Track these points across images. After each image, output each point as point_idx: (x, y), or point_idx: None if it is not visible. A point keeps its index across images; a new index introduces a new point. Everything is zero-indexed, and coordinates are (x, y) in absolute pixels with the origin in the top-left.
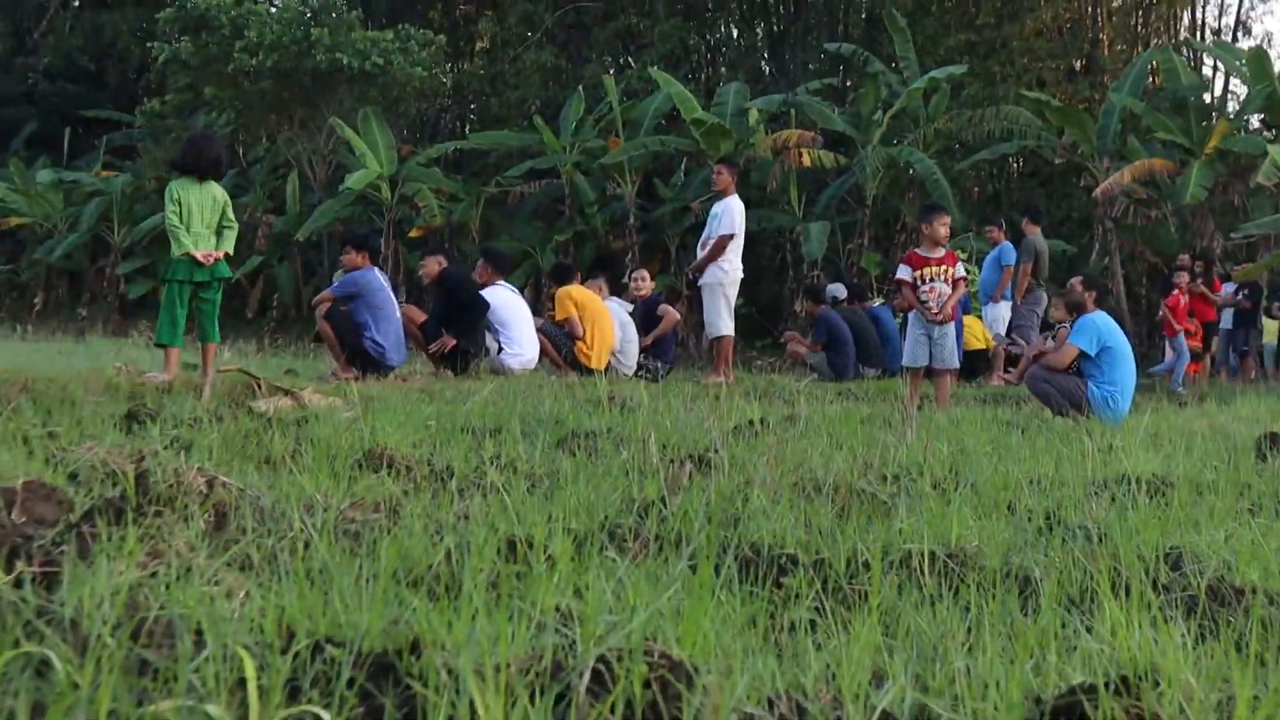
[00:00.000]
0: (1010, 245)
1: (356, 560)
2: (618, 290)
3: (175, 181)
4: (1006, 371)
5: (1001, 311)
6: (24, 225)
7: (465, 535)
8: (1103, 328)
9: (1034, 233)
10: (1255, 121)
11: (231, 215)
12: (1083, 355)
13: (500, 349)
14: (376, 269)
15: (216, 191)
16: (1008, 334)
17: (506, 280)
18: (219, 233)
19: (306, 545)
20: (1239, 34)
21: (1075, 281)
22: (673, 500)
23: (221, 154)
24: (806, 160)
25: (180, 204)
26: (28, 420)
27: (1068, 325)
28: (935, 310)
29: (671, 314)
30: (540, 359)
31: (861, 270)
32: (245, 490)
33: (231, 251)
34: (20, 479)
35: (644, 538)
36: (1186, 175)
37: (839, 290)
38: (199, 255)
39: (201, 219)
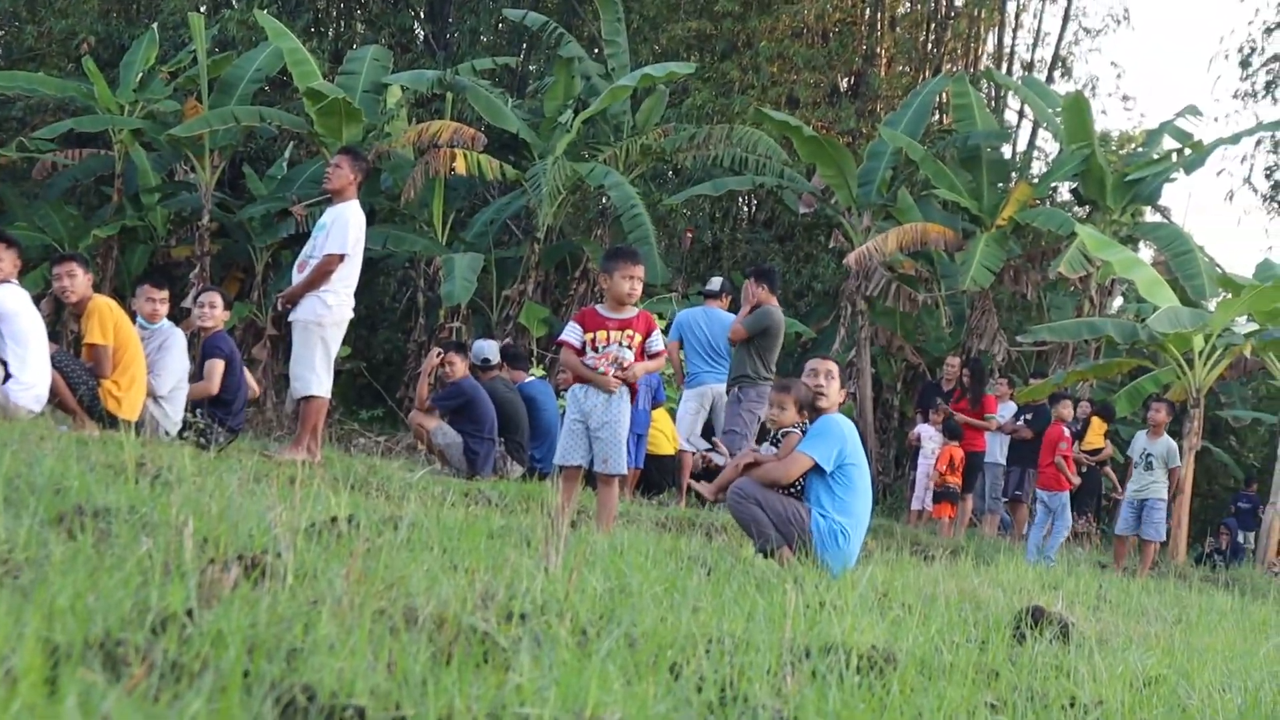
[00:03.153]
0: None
1: None
2: (177, 314)
3: None
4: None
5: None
6: None
7: None
8: (847, 436)
9: (770, 302)
10: (1064, 191)
11: None
12: (815, 470)
13: (7, 376)
14: None
15: None
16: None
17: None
18: None
19: None
20: (1056, 73)
21: (817, 363)
22: (203, 614)
23: None
24: (461, 167)
25: None
26: None
27: (797, 430)
28: (610, 373)
29: (213, 377)
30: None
31: (520, 327)
32: None
33: None
34: None
35: (153, 661)
36: (970, 251)
37: (488, 351)
38: None
39: None
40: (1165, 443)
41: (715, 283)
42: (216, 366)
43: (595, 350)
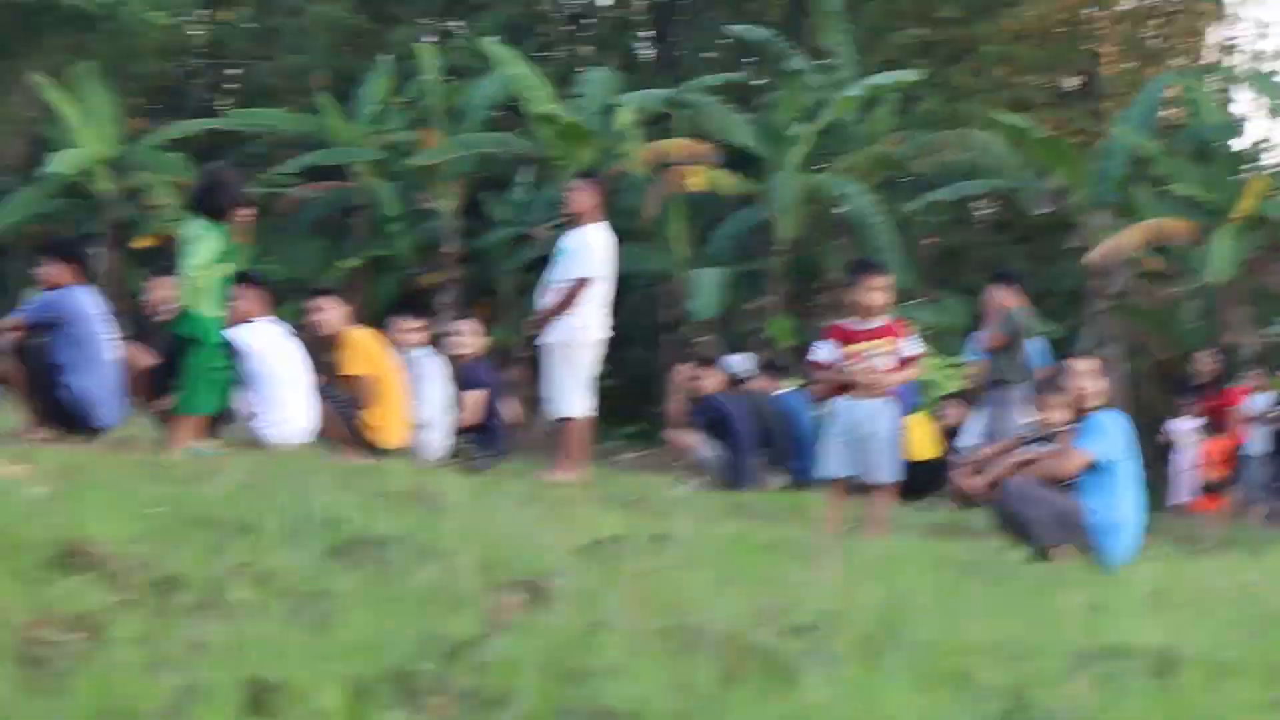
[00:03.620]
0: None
1: (43, 699)
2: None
3: None
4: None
5: None
6: None
7: (197, 673)
8: (1121, 431)
9: (1014, 305)
10: None
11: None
12: (1092, 466)
13: (256, 413)
14: (87, 289)
15: None
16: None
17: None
18: None
19: None
20: None
21: (1078, 362)
22: (493, 641)
23: None
24: (697, 183)
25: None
26: None
27: (1070, 431)
28: (879, 385)
29: (473, 406)
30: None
31: (768, 339)
32: None
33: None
34: None
35: (451, 692)
36: (1211, 244)
37: (740, 364)
38: None
39: None
40: None
41: None
42: (475, 396)
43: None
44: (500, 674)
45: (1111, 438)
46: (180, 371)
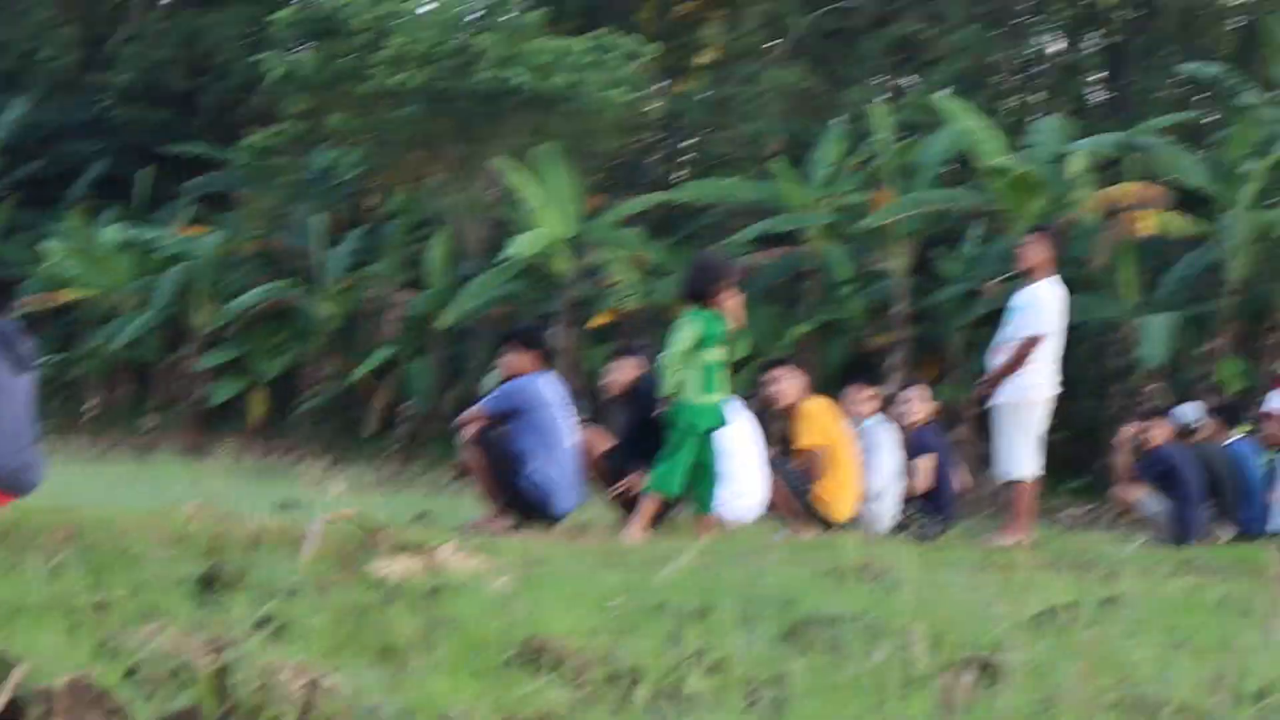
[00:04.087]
0: None
1: None
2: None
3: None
4: None
5: None
6: (82, 300)
7: None
8: None
9: None
10: None
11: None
12: None
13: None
14: (548, 375)
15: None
16: None
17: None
18: None
19: None
20: None
21: None
22: None
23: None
24: (1149, 226)
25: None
26: (75, 583)
27: None
28: None
29: (924, 473)
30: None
31: (1216, 384)
32: (357, 698)
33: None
34: (62, 677)
35: None
36: None
37: (1190, 414)
38: None
39: None
40: None
41: None
42: (927, 463)
43: None
44: None
45: None
46: (660, 450)
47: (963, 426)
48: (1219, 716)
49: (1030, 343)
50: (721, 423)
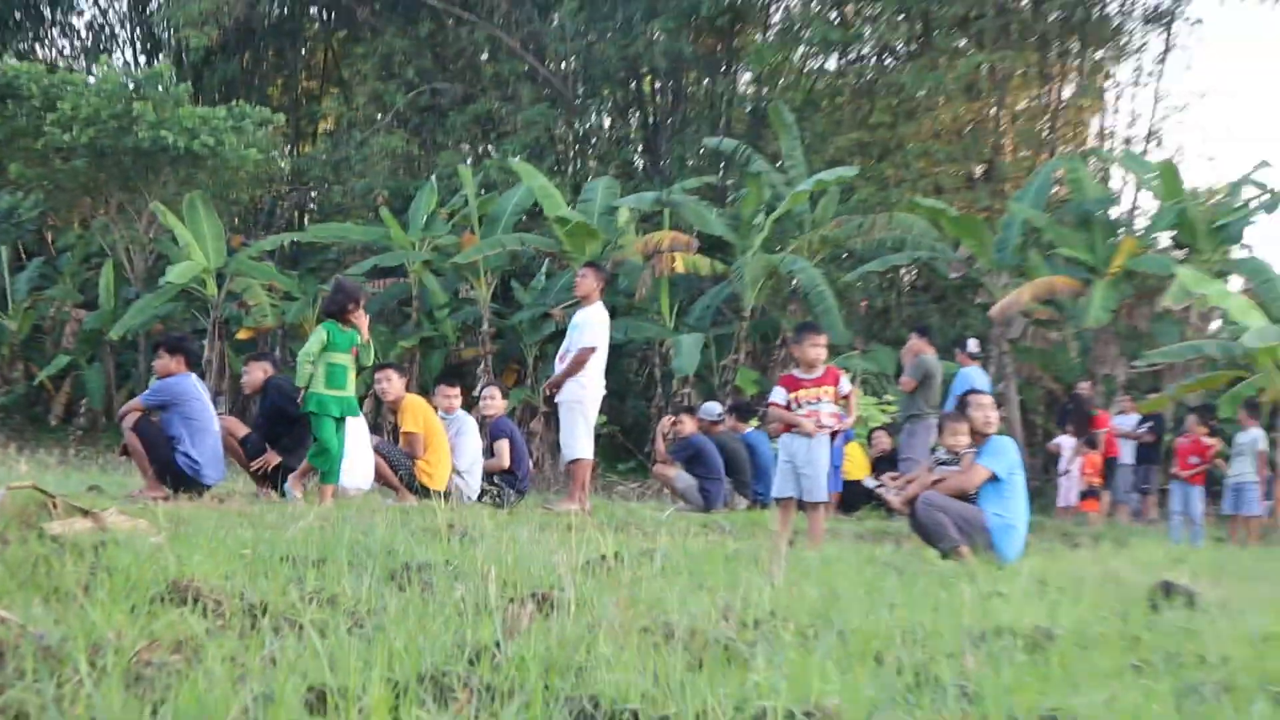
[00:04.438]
0: (976, 372)
1: (145, 709)
2: (466, 406)
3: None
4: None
5: None
6: None
7: (271, 683)
8: (1014, 452)
9: (927, 353)
10: (1164, 239)
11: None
12: (991, 479)
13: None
14: (194, 376)
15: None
16: (889, 467)
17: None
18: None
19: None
20: (1150, 144)
21: (981, 398)
22: (507, 645)
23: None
24: (680, 266)
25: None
26: None
27: (972, 452)
28: (813, 428)
29: (503, 454)
30: (375, 480)
31: (736, 389)
32: (26, 627)
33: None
34: None
35: (473, 687)
36: (1090, 296)
37: (715, 410)
38: None
39: None
40: (1248, 435)
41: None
42: (504, 445)
43: (799, 406)
44: (513, 671)
45: (1006, 456)
46: (286, 435)
47: (537, 420)
48: (723, 638)
49: (586, 353)
50: (351, 412)
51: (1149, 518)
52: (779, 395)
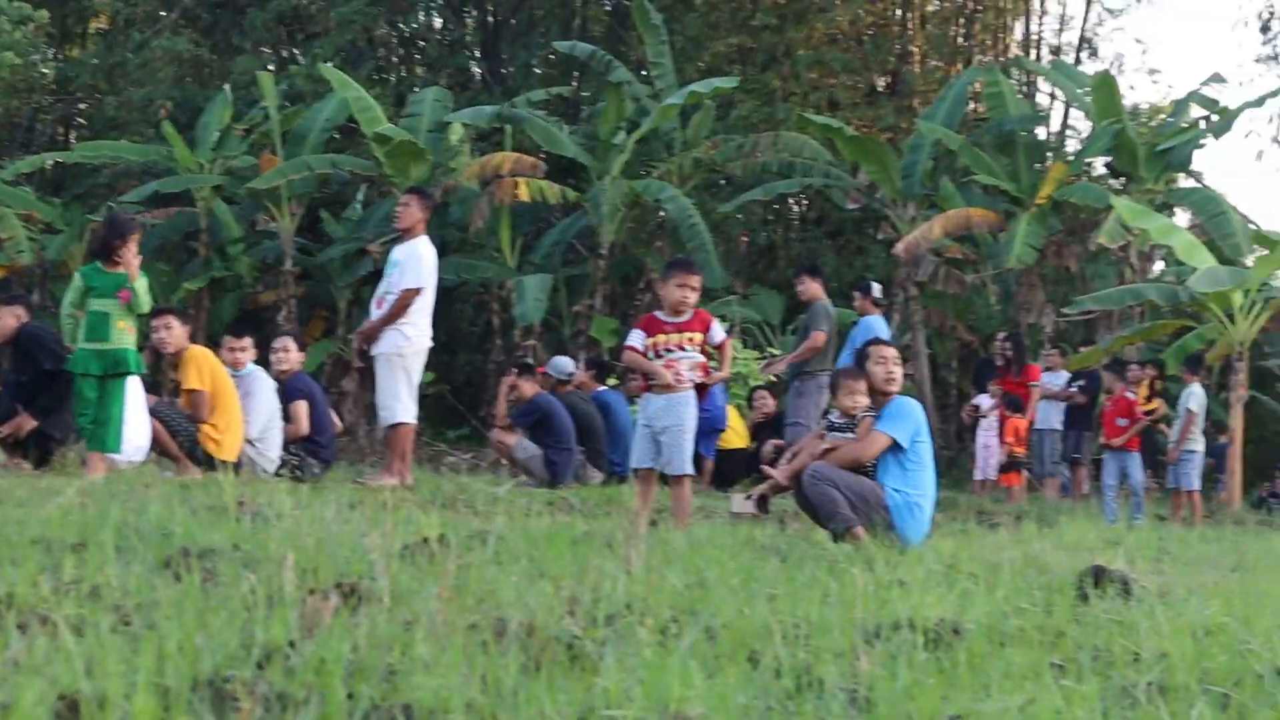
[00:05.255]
0: (878, 321)
1: None
2: (263, 361)
3: None
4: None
5: None
6: None
7: (13, 690)
8: (918, 415)
9: (820, 298)
10: (1099, 166)
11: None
12: (891, 448)
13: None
14: None
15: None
16: (773, 433)
17: None
18: None
19: None
20: (1083, 55)
21: (883, 350)
22: (306, 644)
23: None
24: (524, 194)
25: None
26: None
27: (871, 416)
28: (675, 379)
29: (300, 418)
30: (151, 449)
31: (591, 340)
32: None
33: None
34: None
35: (260, 694)
36: (1012, 231)
37: (567, 366)
38: None
39: None
40: (1184, 393)
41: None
42: (301, 408)
43: (658, 355)
44: (309, 676)
45: (909, 420)
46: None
47: (350, 377)
48: (567, 636)
49: (409, 295)
50: (119, 368)
51: (1081, 493)
52: (636, 339)
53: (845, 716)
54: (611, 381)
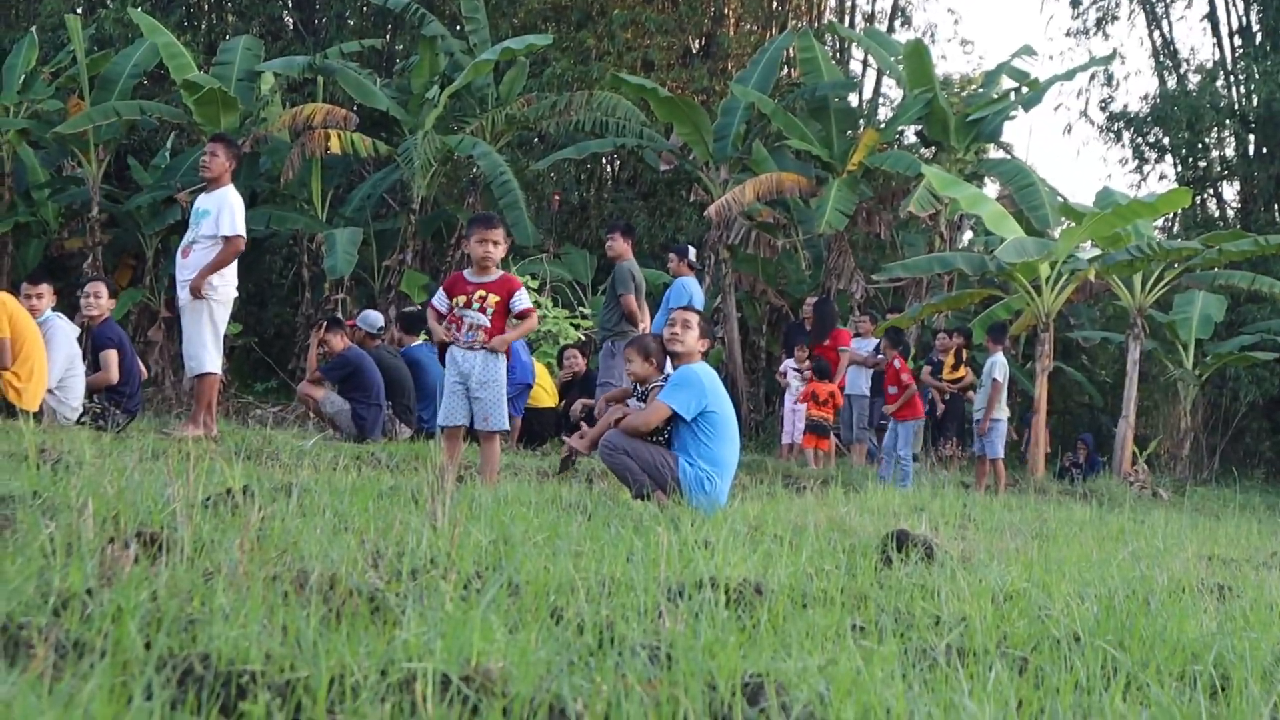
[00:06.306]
0: (692, 282)
1: None
2: (71, 307)
3: None
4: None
5: None
6: None
7: None
8: (706, 385)
9: (629, 258)
10: (910, 134)
11: None
12: (676, 419)
13: None
14: None
15: None
16: (583, 392)
17: None
18: None
19: None
20: (896, 23)
21: (676, 313)
22: (103, 593)
23: None
24: (336, 146)
25: None
26: None
27: (660, 383)
28: (464, 340)
29: (110, 366)
30: None
31: (402, 295)
32: None
33: None
34: None
35: (54, 642)
36: (823, 197)
37: (378, 320)
38: None
39: None
40: (987, 364)
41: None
42: (111, 356)
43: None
44: (106, 624)
45: (698, 390)
46: None
47: (157, 327)
48: (368, 589)
49: (237, 241)
50: None
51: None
52: (439, 299)
53: (646, 673)
54: (424, 338)
